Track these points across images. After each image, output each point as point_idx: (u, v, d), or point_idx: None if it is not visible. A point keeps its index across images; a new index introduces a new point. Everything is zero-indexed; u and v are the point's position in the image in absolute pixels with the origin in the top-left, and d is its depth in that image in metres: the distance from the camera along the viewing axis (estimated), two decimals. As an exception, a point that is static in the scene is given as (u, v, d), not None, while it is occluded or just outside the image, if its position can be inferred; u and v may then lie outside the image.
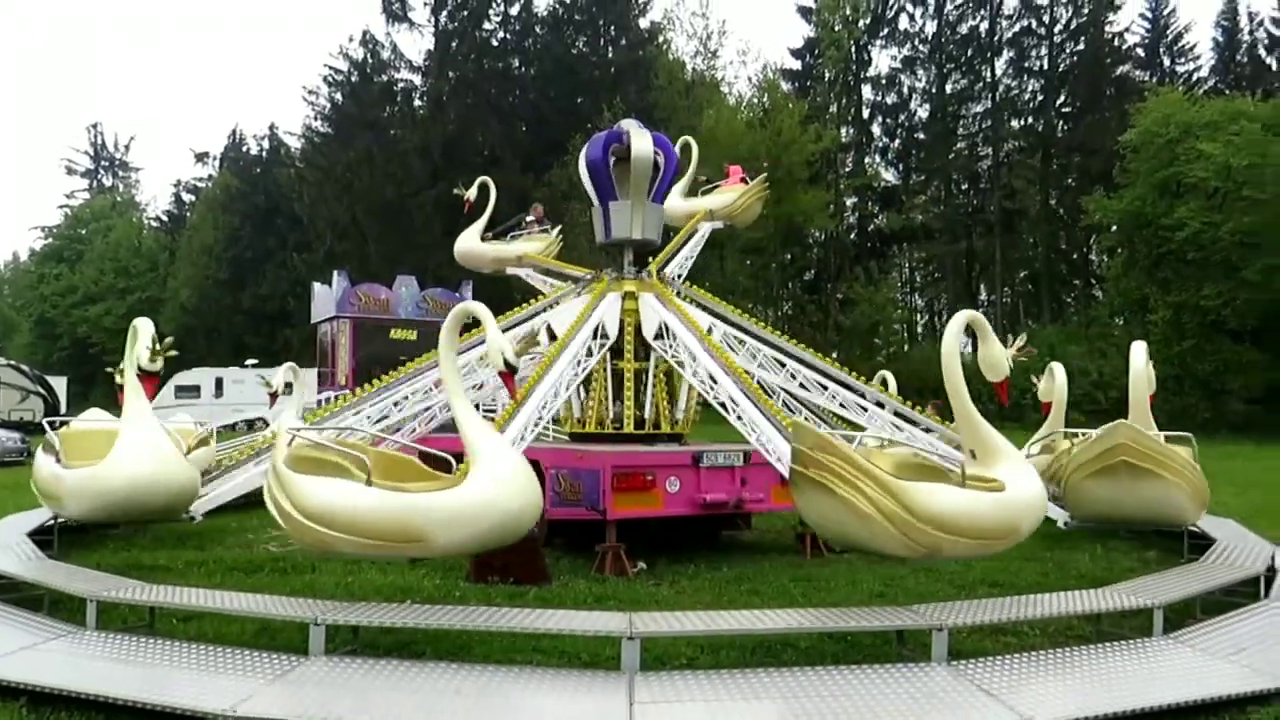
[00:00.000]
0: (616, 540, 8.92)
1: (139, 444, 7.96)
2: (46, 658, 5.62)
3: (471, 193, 14.75)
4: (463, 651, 6.11)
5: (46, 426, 8.79)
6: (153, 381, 8.16)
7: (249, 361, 39.74)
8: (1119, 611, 6.37)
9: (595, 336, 10.16)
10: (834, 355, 11.49)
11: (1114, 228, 36.02)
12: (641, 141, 10.53)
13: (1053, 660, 5.64)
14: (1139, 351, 10.06)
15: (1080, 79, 45.35)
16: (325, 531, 6.03)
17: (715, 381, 9.41)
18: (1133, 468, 8.68)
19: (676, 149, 14.29)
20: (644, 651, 5.46)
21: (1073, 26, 45.87)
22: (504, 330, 10.63)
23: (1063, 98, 46.70)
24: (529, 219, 14.74)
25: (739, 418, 8.96)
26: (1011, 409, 12.45)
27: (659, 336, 10.38)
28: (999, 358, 7.11)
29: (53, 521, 9.54)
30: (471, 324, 8.11)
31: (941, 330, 45.45)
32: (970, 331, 7.23)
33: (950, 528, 5.99)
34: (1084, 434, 9.97)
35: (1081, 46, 45.66)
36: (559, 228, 15.05)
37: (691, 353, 9.82)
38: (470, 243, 14.20)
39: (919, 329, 53.07)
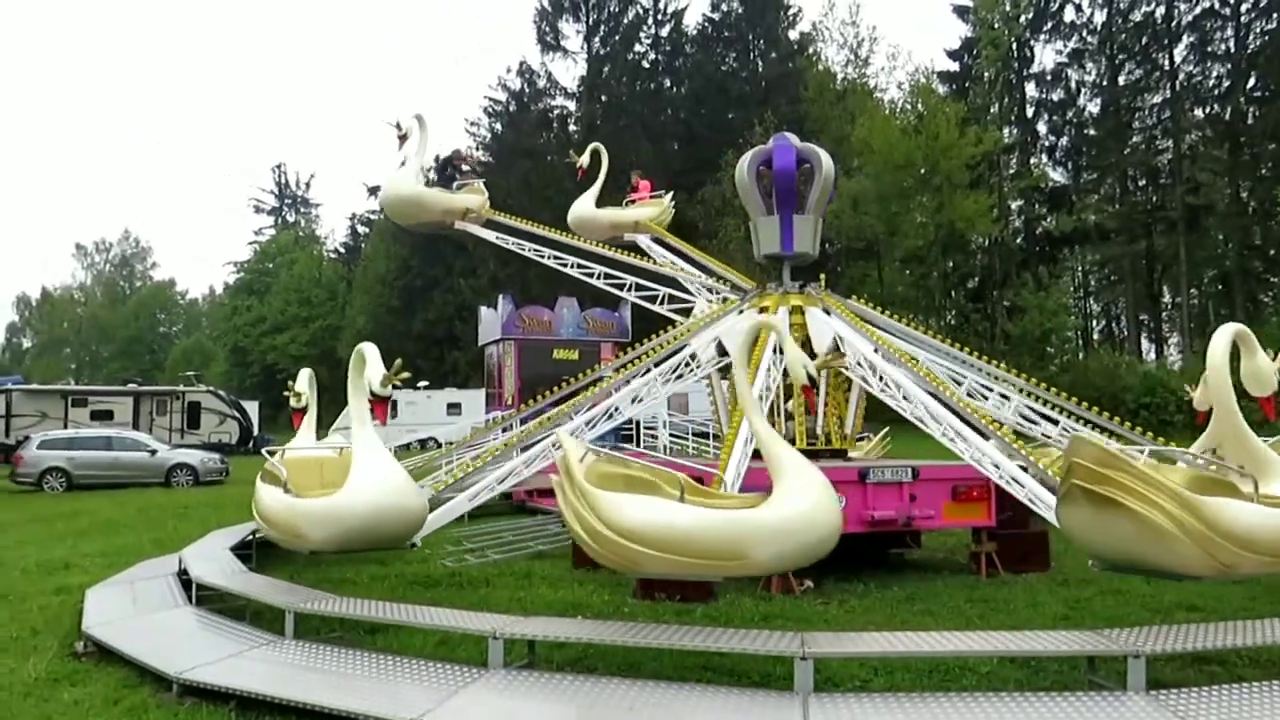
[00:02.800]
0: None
1: (376, 472, 7.46)
2: (252, 665, 6.03)
3: (584, 159, 14.53)
4: (633, 668, 6.16)
5: (266, 455, 8.36)
6: (384, 406, 7.82)
7: (420, 384, 41.59)
8: (1345, 641, 5.79)
9: (774, 353, 10.09)
10: (1002, 365, 10.96)
11: (1318, 218, 33.05)
12: (740, 164, 10.79)
13: (1268, 694, 5.17)
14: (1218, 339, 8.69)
15: (1273, 60, 41.87)
16: (639, 550, 5.90)
17: (904, 392, 9.07)
18: (1089, 494, 6.07)
19: (586, 156, 14.60)
20: (816, 673, 5.36)
21: (1263, 4, 42.45)
22: (664, 351, 10.81)
23: (1253, 81, 43.25)
24: (635, 183, 14.69)
25: (944, 433, 8.57)
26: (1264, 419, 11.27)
27: (832, 350, 10.19)
28: (1266, 371, 6.85)
29: (251, 537, 10.24)
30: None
31: (1120, 335, 42.77)
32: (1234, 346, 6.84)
33: (1249, 544, 5.64)
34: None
35: (1274, 25, 42.17)
36: (670, 193, 14.95)
37: (871, 364, 9.57)
38: (585, 208, 13.99)
39: (1095, 335, 50.20)
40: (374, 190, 73.23)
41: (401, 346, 59.36)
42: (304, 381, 10.10)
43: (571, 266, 13.49)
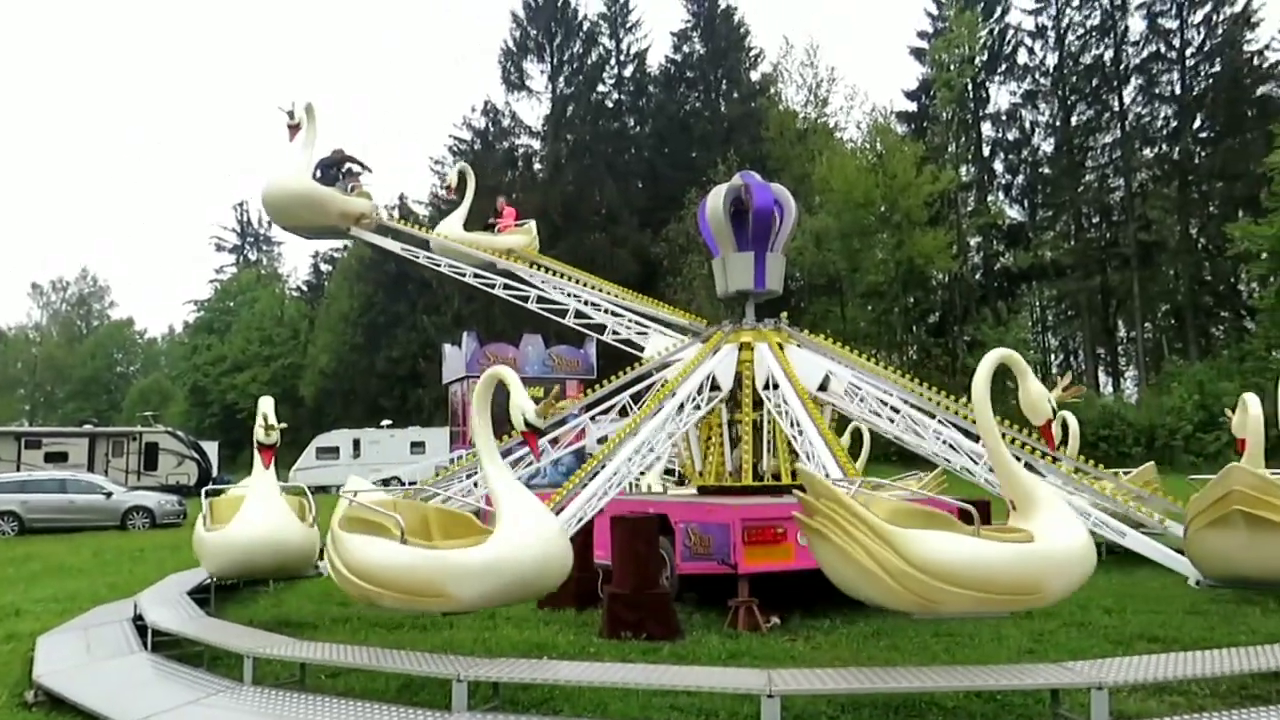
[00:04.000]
0: (749, 595, 8.79)
1: (257, 509, 8.56)
2: (209, 712, 5.89)
3: (452, 177, 14.44)
4: (600, 708, 6.11)
5: (202, 495, 9.38)
6: (269, 453, 8.82)
7: (384, 422, 41.27)
8: (1300, 669, 5.88)
9: (708, 389, 10.17)
10: (964, 400, 11.13)
11: (1264, 255, 33.95)
12: (712, 197, 10.86)
13: (1228, 723, 5.23)
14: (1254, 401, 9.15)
15: (1218, 102, 43.24)
16: (364, 585, 6.46)
17: (800, 431, 9.24)
18: (1249, 518, 6.93)
19: (453, 175, 14.81)
20: (783, 710, 5.34)
21: (1207, 48, 43.94)
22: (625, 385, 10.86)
23: (1199, 122, 44.61)
24: (499, 215, 14.16)
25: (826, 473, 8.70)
26: (1199, 455, 11.44)
27: (767, 387, 10.29)
28: (1039, 399, 6.69)
29: (210, 580, 10.05)
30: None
31: (1078, 369, 43.35)
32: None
33: (951, 579, 5.56)
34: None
35: (1218, 68, 43.62)
36: (533, 221, 14.82)
37: (790, 404, 9.69)
38: (452, 231, 13.44)
39: (1054, 369, 50.96)
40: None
41: (365, 385, 59.04)
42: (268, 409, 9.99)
43: (469, 276, 13.29)
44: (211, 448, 43.52)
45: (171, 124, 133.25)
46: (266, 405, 9.25)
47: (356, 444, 39.36)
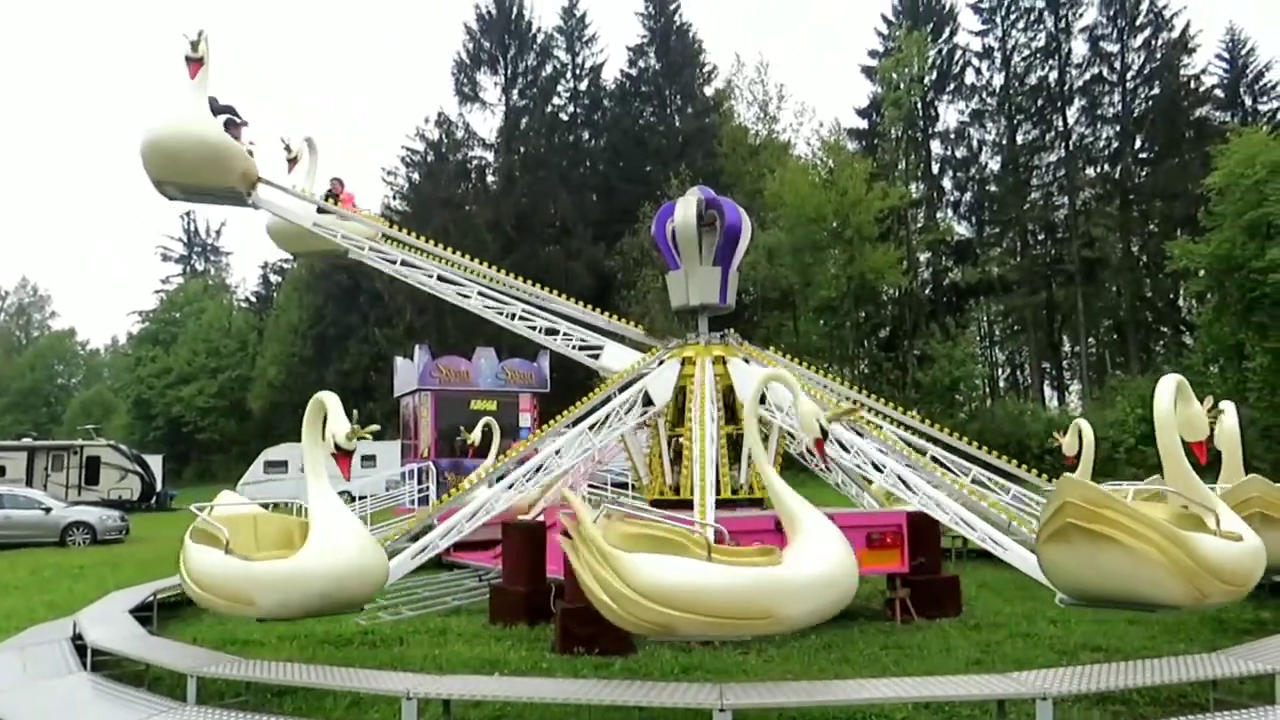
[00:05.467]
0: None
1: (340, 532, 6.95)
2: (151, 734, 5.75)
3: (475, 435, 13.71)
4: (553, 725, 6.08)
5: (197, 512, 7.55)
6: (348, 460, 7.23)
7: (334, 435, 40.67)
8: (1237, 678, 6.05)
9: (639, 404, 10.24)
10: (914, 413, 11.29)
11: (1202, 273, 34.90)
12: (681, 209, 10.82)
13: (1167, 730, 5.36)
14: (1162, 389, 9.36)
15: (1157, 123, 44.52)
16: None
17: (846, 449, 9.26)
18: (1084, 531, 6.48)
19: (299, 146, 12.18)
20: (736, 723, 5.36)
21: (1146, 72, 45.22)
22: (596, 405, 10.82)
23: (1140, 143, 45.89)
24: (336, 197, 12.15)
25: (899, 480, 8.78)
26: (1140, 467, 11.76)
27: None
28: (1199, 418, 7.50)
29: (152, 598, 9.83)
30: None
31: (1024, 383, 44.12)
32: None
33: (1222, 575, 6.02)
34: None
35: (1157, 91, 44.91)
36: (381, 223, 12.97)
37: (788, 411, 9.71)
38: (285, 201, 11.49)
39: (1001, 383, 51.89)
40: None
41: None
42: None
43: (435, 277, 11.80)
44: (155, 461, 42.56)
45: (118, 128, 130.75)
46: (335, 402, 7.57)
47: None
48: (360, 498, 20.85)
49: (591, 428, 9.87)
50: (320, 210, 11.70)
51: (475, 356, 21.43)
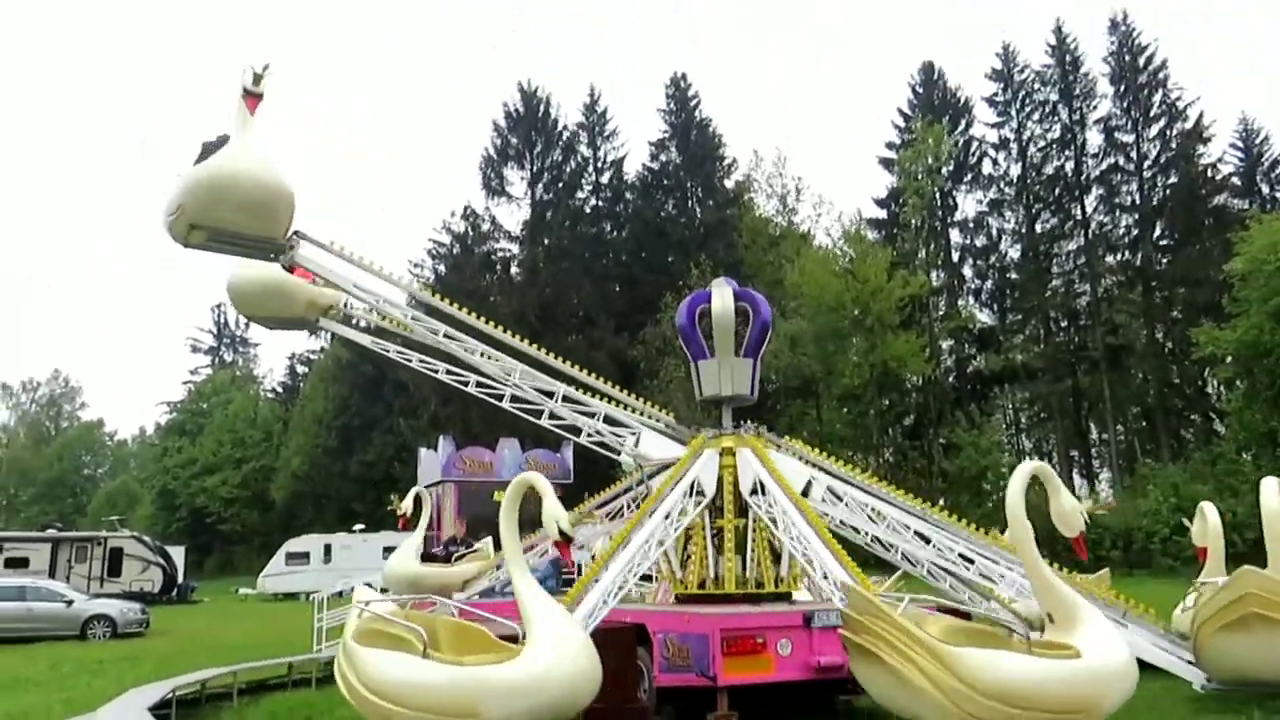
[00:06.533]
0: (729, 708, 8.57)
1: (564, 631, 6.42)
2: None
3: (407, 504, 12.97)
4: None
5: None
6: (568, 546, 6.89)
7: (356, 527, 40.57)
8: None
9: (691, 494, 10.08)
10: (941, 503, 11.09)
11: (1229, 359, 34.63)
12: (720, 300, 10.80)
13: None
14: (1271, 488, 8.81)
15: (1176, 211, 44.83)
16: (384, 704, 5.93)
17: (806, 541, 9.17)
18: (1265, 620, 7.33)
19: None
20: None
21: (1162, 161, 45.72)
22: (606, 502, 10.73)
23: (1159, 231, 46.11)
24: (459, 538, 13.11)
25: (824, 576, 8.67)
26: (1176, 559, 11.42)
27: (754, 493, 10.24)
28: (1071, 512, 6.74)
29: (171, 695, 9.71)
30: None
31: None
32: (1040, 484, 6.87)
33: (1012, 700, 5.51)
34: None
35: (1174, 179, 45.32)
36: (491, 540, 13.04)
37: (784, 509, 9.65)
38: (408, 566, 12.23)
39: (1029, 472, 51.16)
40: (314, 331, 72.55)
41: (339, 489, 58.23)
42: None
43: (442, 374, 11.70)
44: (178, 552, 42.48)
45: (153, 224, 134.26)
46: (545, 483, 6.81)
47: (328, 549, 38.59)
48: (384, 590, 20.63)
49: (666, 517, 9.73)
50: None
51: (499, 447, 21.49)
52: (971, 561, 10.07)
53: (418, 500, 13.10)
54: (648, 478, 10.56)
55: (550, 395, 10.96)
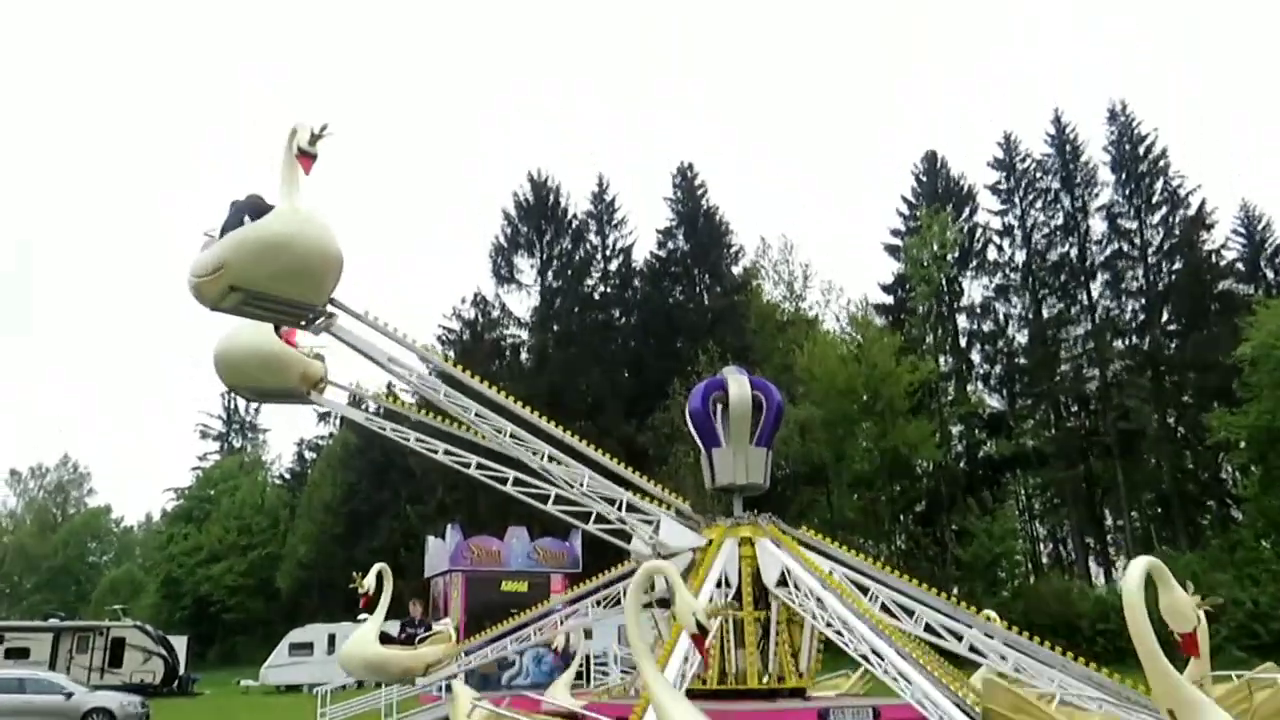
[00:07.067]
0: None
1: None
2: None
3: (369, 582, 12.29)
4: None
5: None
6: (703, 640, 6.50)
7: (361, 617, 40.00)
8: None
9: (720, 586, 9.94)
10: (955, 592, 10.86)
11: (1243, 444, 34.41)
12: (738, 388, 10.80)
13: None
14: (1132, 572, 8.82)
15: (1182, 297, 45.02)
16: None
17: (850, 629, 8.92)
18: None
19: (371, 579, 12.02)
20: None
21: (1166, 247, 46.11)
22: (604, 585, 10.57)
23: (1166, 316, 46.24)
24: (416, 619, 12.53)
25: (885, 671, 8.34)
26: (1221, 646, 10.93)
27: (781, 583, 10.05)
28: (1184, 606, 6.61)
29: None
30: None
31: (1068, 559, 42.79)
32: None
33: None
34: (1239, 675, 8.83)
35: (1179, 265, 45.63)
36: (451, 622, 12.96)
37: (819, 599, 9.45)
38: (368, 649, 11.82)
39: (1044, 559, 50.38)
40: (324, 416, 72.66)
41: (344, 576, 57.02)
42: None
43: (441, 454, 11.45)
44: (180, 642, 41.88)
45: (166, 308, 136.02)
46: (676, 574, 6.61)
47: (332, 639, 38.01)
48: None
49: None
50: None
51: (507, 536, 21.31)
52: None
53: (380, 577, 12.44)
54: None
55: (577, 481, 10.54)
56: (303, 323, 9.90)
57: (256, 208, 9.21)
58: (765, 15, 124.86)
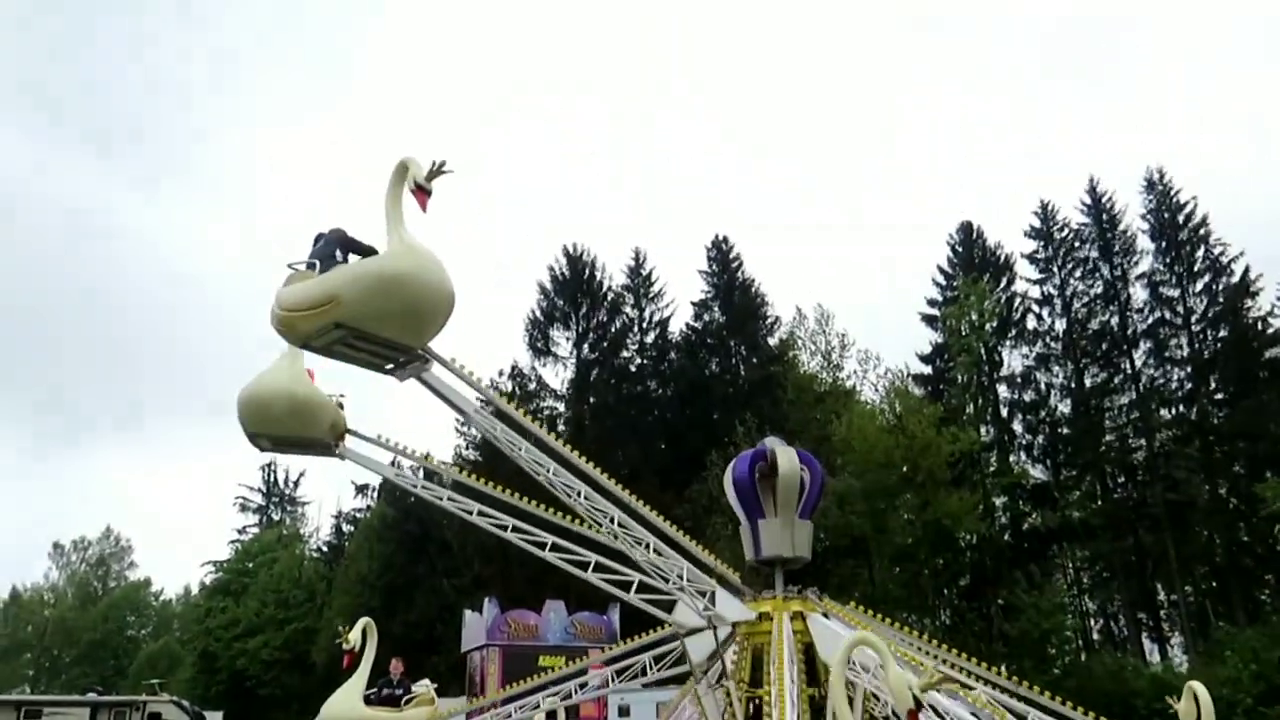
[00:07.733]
0: None
1: None
2: None
3: (354, 637, 12.09)
4: None
5: None
6: (918, 714, 6.60)
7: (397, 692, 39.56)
8: None
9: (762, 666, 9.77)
10: (1003, 669, 10.50)
11: (1299, 515, 33.39)
12: (787, 459, 10.71)
13: None
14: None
15: (1229, 365, 44.12)
16: None
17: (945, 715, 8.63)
18: None
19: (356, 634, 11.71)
20: None
21: (1211, 315, 45.41)
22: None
23: (1213, 384, 45.32)
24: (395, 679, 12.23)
25: None
26: None
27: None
28: (899, 686, 6.44)
29: None
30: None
31: (1120, 634, 41.43)
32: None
33: None
34: None
35: (1224, 333, 44.84)
36: (429, 682, 12.74)
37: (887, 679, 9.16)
38: (353, 710, 11.65)
39: (1095, 635, 48.80)
40: (361, 489, 72.99)
41: (380, 651, 56.96)
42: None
43: (475, 515, 11.31)
44: (215, 718, 41.64)
45: (210, 381, 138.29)
46: (882, 646, 6.83)
47: None
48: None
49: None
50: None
51: (544, 610, 21.15)
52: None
53: (365, 633, 12.16)
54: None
55: (642, 543, 10.44)
56: (390, 366, 9.52)
57: (344, 242, 8.92)
58: (801, 83, 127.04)
